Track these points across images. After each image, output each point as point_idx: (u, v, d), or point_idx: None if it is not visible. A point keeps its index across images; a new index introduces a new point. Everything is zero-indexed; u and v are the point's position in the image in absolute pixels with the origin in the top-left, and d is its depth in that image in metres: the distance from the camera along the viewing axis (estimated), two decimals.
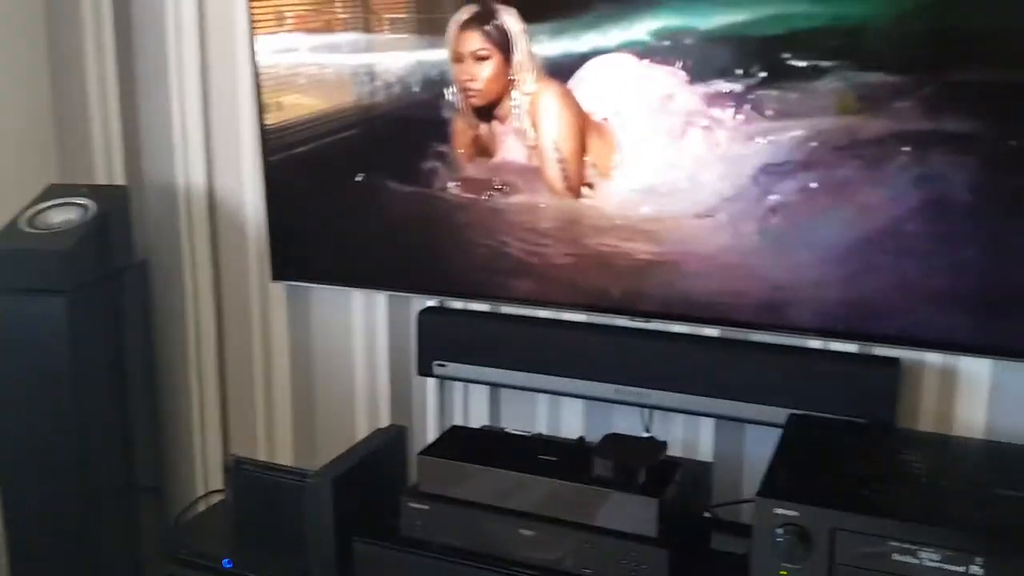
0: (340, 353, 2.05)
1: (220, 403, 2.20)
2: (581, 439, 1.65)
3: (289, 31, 1.84)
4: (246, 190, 2.06)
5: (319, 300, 2.05)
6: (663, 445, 1.45)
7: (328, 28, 1.81)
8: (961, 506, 1.25)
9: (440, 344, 1.87)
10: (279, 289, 2.08)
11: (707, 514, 1.61)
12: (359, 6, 1.78)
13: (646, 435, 1.61)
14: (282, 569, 1.65)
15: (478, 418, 1.96)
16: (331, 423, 2.08)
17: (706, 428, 1.78)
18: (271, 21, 1.86)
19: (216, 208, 2.11)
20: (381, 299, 1.99)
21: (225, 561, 1.70)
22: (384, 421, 2.03)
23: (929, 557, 1.20)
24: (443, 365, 1.86)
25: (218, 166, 2.08)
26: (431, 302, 1.92)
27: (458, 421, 1.97)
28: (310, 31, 1.83)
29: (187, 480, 2.27)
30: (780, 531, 1.26)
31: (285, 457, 2.14)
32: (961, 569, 1.19)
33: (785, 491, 1.29)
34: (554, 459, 1.48)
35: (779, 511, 1.26)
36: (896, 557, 1.22)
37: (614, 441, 1.46)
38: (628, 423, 1.80)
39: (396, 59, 1.77)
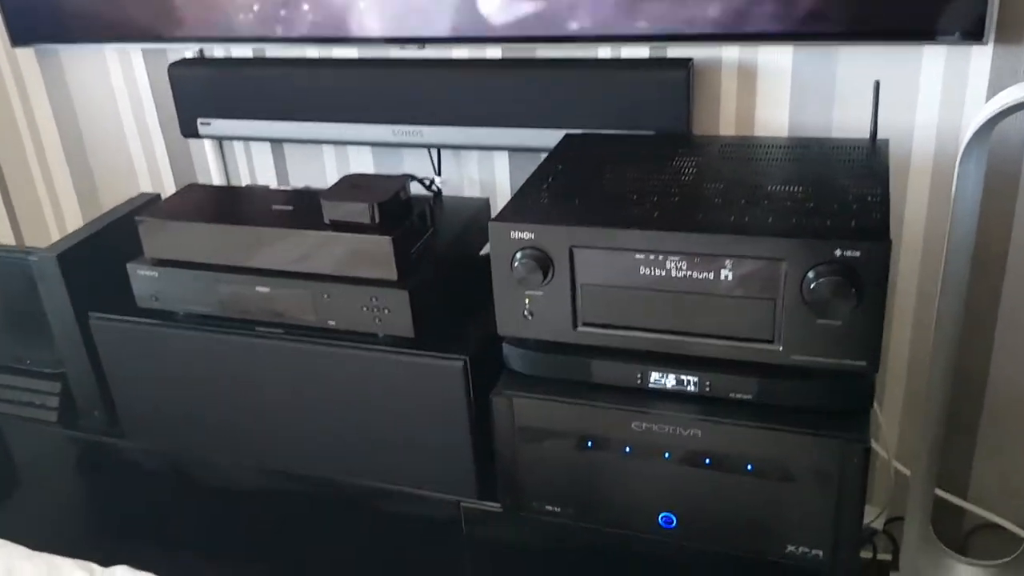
0: (109, 122, 1.83)
1: (2, 198, 1.99)
2: None
3: None
4: None
5: (73, 65, 1.80)
6: (404, 179, 1.28)
7: None
8: (718, 208, 1.09)
9: (201, 100, 1.65)
10: (28, 57, 1.83)
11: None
12: None
13: (402, 175, 1.41)
14: (38, 357, 1.51)
15: (266, 178, 1.77)
16: (117, 197, 1.88)
17: (501, 163, 1.61)
18: None
19: None
20: (137, 56, 1.74)
21: None
22: (169, 188, 1.84)
23: (675, 266, 1.06)
24: (207, 123, 1.65)
25: None
26: (189, 53, 1.68)
27: (245, 182, 1.79)
28: None
29: None
30: (518, 255, 1.11)
31: None
32: (709, 275, 1.05)
33: (522, 213, 1.13)
34: (289, 208, 1.30)
35: (515, 235, 1.11)
36: (643, 270, 1.08)
37: (349, 182, 1.28)
38: (418, 167, 1.62)
39: None
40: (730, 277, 1.04)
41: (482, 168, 1.61)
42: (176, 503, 1.53)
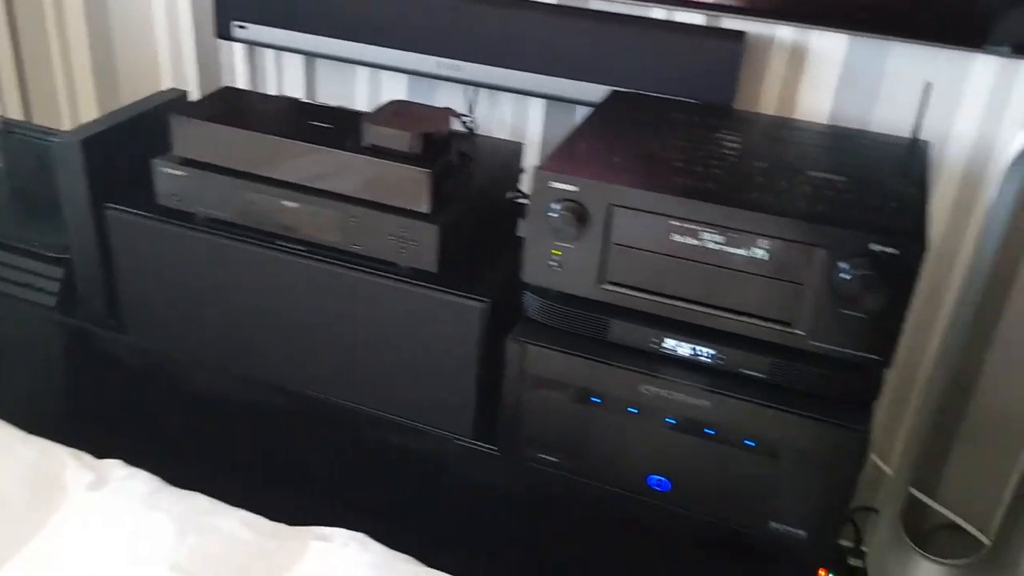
0: (139, 12, 1.79)
1: (16, 70, 1.95)
2: None
3: None
4: None
5: None
6: (448, 113, 1.27)
7: None
8: (760, 187, 1.10)
9: (241, 2, 1.62)
10: None
11: (514, 197, 1.46)
12: None
13: (444, 107, 1.40)
14: (46, 241, 1.49)
15: (293, 91, 1.75)
16: (137, 90, 1.85)
17: (535, 110, 1.60)
18: None
19: None
20: None
21: None
22: (193, 90, 1.81)
23: (711, 239, 1.07)
24: (243, 27, 1.62)
25: None
26: None
27: (271, 93, 1.76)
28: None
29: None
30: (556, 207, 1.11)
31: None
32: (743, 252, 1.06)
33: (567, 164, 1.13)
34: (328, 126, 1.29)
35: (556, 185, 1.11)
36: (675, 237, 1.08)
37: (395, 108, 1.27)
38: (452, 102, 1.61)
39: None
40: (762, 256, 1.05)
41: (515, 112, 1.60)
42: (161, 405, 1.52)
